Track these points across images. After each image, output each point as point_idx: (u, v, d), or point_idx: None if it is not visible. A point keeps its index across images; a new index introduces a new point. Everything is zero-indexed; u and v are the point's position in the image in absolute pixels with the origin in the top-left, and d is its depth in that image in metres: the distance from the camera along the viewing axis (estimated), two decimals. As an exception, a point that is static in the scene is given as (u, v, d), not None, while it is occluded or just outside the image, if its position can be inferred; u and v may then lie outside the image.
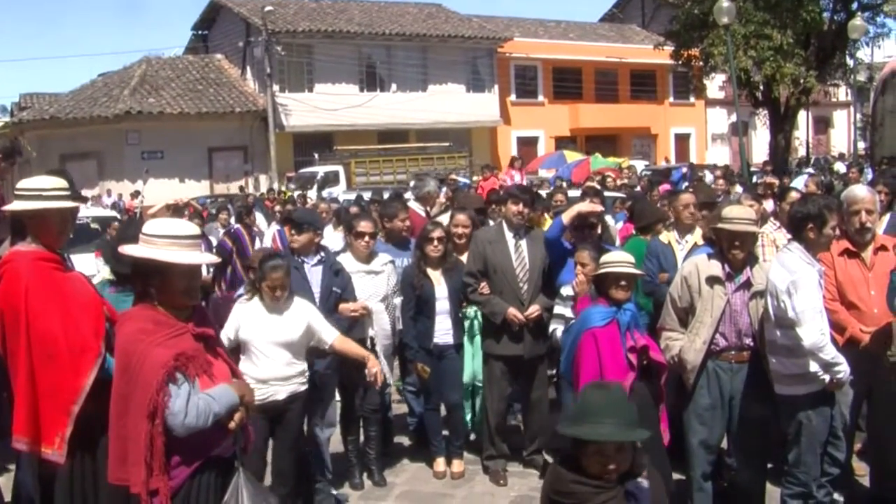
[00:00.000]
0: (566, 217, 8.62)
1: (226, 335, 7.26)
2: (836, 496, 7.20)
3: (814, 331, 6.35)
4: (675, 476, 7.47)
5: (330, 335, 7.41)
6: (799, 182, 15.97)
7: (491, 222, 11.02)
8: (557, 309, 8.38)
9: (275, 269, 7.18)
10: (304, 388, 7.41)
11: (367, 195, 22.31)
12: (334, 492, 8.27)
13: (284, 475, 7.44)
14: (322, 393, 8.11)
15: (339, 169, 36.72)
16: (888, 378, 6.77)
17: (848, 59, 40.35)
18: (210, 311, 6.63)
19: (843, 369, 6.45)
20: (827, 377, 6.47)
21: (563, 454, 4.33)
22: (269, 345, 7.20)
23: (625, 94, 55.87)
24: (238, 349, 7.31)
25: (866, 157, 42.55)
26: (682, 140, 58.50)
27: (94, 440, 5.67)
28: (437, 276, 8.80)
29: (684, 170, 30.92)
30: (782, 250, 7.07)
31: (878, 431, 7.71)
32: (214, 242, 14.79)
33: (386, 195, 18.79)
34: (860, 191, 7.72)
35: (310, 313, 7.41)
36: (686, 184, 18.19)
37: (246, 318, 7.29)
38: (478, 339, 9.10)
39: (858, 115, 55.97)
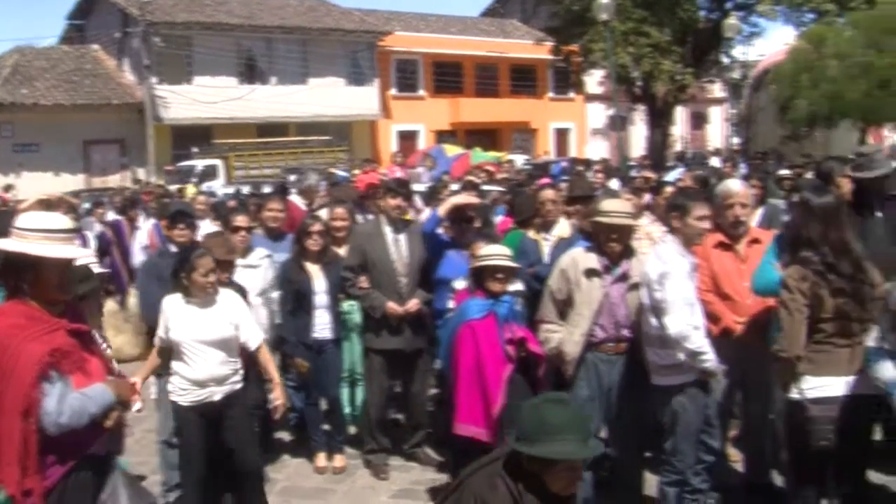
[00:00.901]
0: (442, 210, 8.66)
1: (157, 337, 7.13)
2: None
3: (679, 320, 6.44)
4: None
5: (256, 338, 7.24)
6: (672, 176, 16.19)
7: (370, 216, 11.01)
8: (451, 304, 8.38)
9: (202, 255, 6.98)
10: (240, 386, 7.19)
11: (246, 189, 22.12)
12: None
13: (254, 473, 7.35)
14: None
15: (218, 163, 36.29)
16: (770, 368, 6.90)
17: (723, 56, 41.23)
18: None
19: (709, 359, 6.54)
20: (700, 366, 6.57)
21: (511, 466, 4.16)
22: (202, 344, 6.95)
23: (505, 88, 56.14)
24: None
25: (740, 153, 43.53)
26: (561, 134, 59.02)
27: None
28: (315, 270, 8.76)
29: (564, 164, 31.19)
30: (658, 242, 7.18)
31: (751, 419, 7.88)
32: (91, 236, 14.52)
33: (266, 189, 18.65)
34: (734, 185, 7.87)
35: (239, 309, 7.22)
36: (565, 178, 18.32)
37: (175, 317, 7.02)
38: (355, 333, 9.09)
39: (733, 112, 57.24)
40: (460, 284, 8.21)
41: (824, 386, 5.95)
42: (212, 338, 6.97)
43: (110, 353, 6.79)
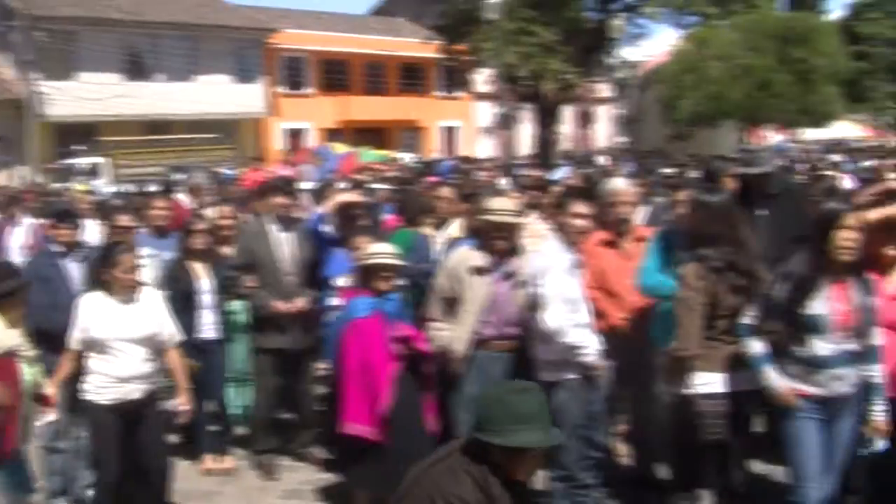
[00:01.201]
0: (326, 208, 8.63)
1: (72, 339, 6.94)
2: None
3: (557, 315, 6.51)
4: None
5: (175, 337, 7.15)
6: (559, 175, 16.41)
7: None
8: (335, 302, 8.33)
9: (123, 251, 6.89)
10: (158, 384, 7.07)
11: (131, 187, 21.82)
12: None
13: (164, 471, 7.23)
14: None
15: (103, 161, 35.65)
16: (655, 363, 7.00)
17: (609, 57, 41.80)
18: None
19: (589, 353, 6.63)
20: (582, 361, 6.63)
21: (471, 458, 4.10)
22: (124, 341, 6.82)
23: (394, 87, 56.20)
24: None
25: (626, 152, 44.18)
26: (449, 133, 59.22)
27: None
28: (200, 270, 8.66)
29: (452, 162, 31.34)
30: (543, 240, 7.23)
31: (638, 414, 7.99)
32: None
33: (151, 187, 18.41)
34: (619, 184, 7.98)
35: (160, 306, 7.11)
36: (454, 176, 18.44)
37: (96, 315, 6.87)
38: (242, 333, 9.02)
39: (619, 111, 58.15)
40: (341, 282, 8.18)
41: (713, 381, 6.05)
42: (136, 335, 6.86)
43: (31, 356, 6.65)
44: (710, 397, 6.05)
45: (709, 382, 6.09)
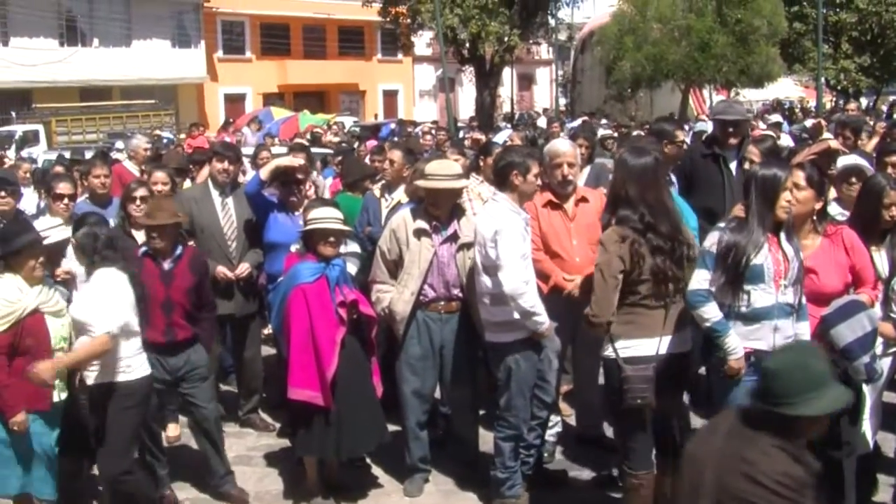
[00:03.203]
0: (264, 172, 8.50)
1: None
2: (549, 436, 7.58)
3: (515, 277, 6.51)
4: (391, 427, 7.55)
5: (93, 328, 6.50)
6: (501, 137, 16.32)
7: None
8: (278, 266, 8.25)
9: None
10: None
11: (68, 154, 21.54)
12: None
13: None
14: None
15: (39, 128, 35.07)
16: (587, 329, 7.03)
17: (549, 18, 41.81)
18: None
19: (541, 320, 6.65)
20: (532, 323, 6.65)
21: (766, 430, 3.82)
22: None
23: (333, 50, 55.88)
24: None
25: (567, 113, 44.26)
26: (390, 96, 59.09)
27: None
28: (141, 237, 8.53)
29: (393, 125, 31.22)
30: (490, 201, 7.22)
31: (582, 374, 8.03)
32: None
33: (89, 154, 18.16)
34: (562, 145, 7.94)
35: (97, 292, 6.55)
36: (395, 140, 18.35)
37: None
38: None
39: (559, 73, 58.23)
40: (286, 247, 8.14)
41: (637, 346, 6.06)
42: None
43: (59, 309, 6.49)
44: (633, 362, 6.04)
45: (632, 346, 6.09)
